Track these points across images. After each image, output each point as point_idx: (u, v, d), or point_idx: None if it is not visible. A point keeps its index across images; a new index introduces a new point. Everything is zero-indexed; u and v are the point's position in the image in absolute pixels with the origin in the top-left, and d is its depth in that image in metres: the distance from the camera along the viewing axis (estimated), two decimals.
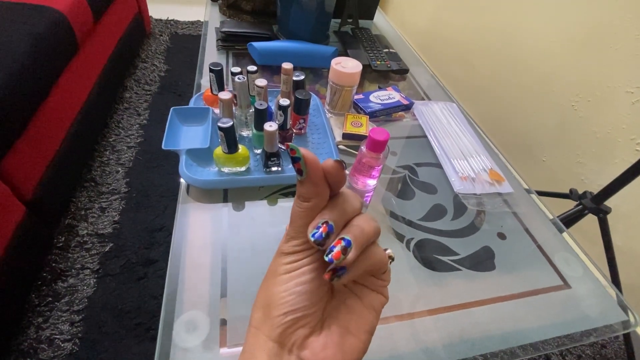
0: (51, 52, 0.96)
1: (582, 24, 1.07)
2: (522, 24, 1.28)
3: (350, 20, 0.97)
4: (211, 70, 0.54)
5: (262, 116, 0.49)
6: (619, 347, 1.00)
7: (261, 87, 0.51)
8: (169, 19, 2.09)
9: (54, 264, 0.94)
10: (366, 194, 0.55)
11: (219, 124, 0.44)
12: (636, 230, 0.98)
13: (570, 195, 0.91)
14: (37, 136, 0.90)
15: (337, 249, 0.18)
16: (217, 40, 0.82)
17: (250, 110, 0.55)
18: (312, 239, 0.18)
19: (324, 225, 0.18)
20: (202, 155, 0.51)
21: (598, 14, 1.03)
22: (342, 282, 0.19)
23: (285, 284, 0.20)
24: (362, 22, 1.01)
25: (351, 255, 0.18)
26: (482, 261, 0.48)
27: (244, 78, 0.50)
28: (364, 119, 0.64)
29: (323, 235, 0.18)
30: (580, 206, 0.87)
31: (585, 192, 0.88)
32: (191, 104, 0.60)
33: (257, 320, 0.20)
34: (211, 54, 0.79)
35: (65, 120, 1.04)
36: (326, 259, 0.18)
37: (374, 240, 0.20)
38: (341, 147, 0.62)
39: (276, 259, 0.21)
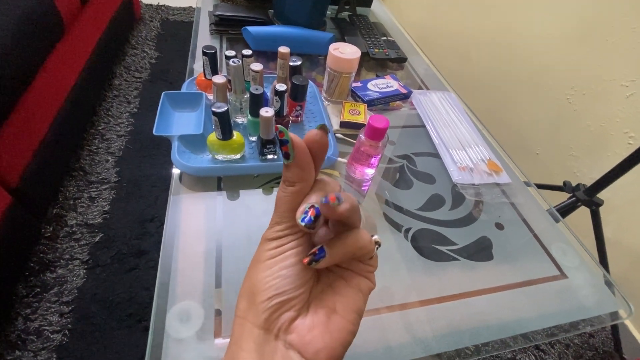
0: (36, 35, 0.92)
1: (579, 16, 1.07)
2: (519, 17, 1.27)
3: (347, 7, 0.95)
4: (204, 54, 0.52)
5: (257, 102, 0.47)
6: (606, 337, 1.02)
7: (256, 72, 0.50)
8: (160, 4, 2.02)
9: (41, 255, 0.92)
10: (364, 184, 0.55)
11: (213, 109, 0.42)
12: (626, 223, 1.00)
13: (564, 187, 0.92)
14: (23, 122, 0.87)
15: (331, 195, 0.18)
16: (210, 25, 0.79)
17: (246, 96, 0.53)
18: (303, 224, 0.18)
19: (312, 209, 0.18)
20: (195, 142, 0.49)
21: (595, 6, 1.02)
22: (320, 265, 0.19)
23: (270, 269, 0.19)
24: (360, 10, 0.99)
25: (344, 206, 0.18)
26: (480, 251, 0.48)
27: (239, 61, 0.48)
28: (362, 107, 0.63)
29: (312, 219, 0.18)
30: (574, 198, 0.87)
31: (578, 185, 0.89)
32: (183, 89, 0.57)
33: (242, 310, 0.20)
34: (204, 38, 0.76)
35: (51, 106, 1.00)
36: (322, 200, 0.18)
37: (357, 217, 0.20)
38: (339, 135, 0.60)
39: (259, 247, 0.21)
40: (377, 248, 0.22)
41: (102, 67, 1.39)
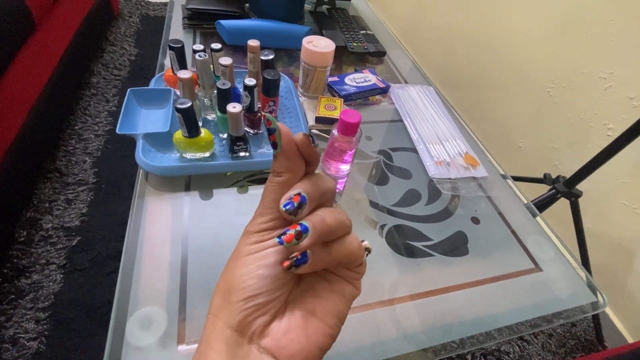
0: (3, 31, 0.88)
1: (559, 9, 1.07)
2: (501, 11, 1.27)
3: (326, 0, 0.93)
4: (170, 48, 0.50)
5: (225, 97, 0.45)
6: (588, 326, 1.04)
7: (226, 67, 0.48)
8: None
9: (15, 260, 0.89)
10: (339, 180, 0.53)
11: (176, 105, 0.40)
12: (605, 213, 1.01)
13: (544, 179, 0.93)
14: None
15: (290, 232, 0.17)
16: (183, 19, 0.76)
17: (215, 92, 0.51)
18: (284, 209, 0.17)
19: (296, 195, 0.18)
20: (162, 141, 0.47)
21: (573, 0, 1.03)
22: (300, 271, 0.18)
23: (247, 266, 0.18)
24: (339, 3, 0.97)
25: (305, 242, 0.17)
26: (456, 246, 0.48)
27: (206, 56, 0.47)
28: (339, 102, 0.62)
29: (295, 205, 0.17)
30: (554, 190, 0.88)
31: (558, 177, 0.90)
32: (151, 85, 0.55)
33: (215, 307, 0.19)
34: (177, 32, 0.74)
35: (23, 105, 0.96)
36: (276, 240, 0.17)
37: (339, 233, 0.19)
38: (314, 131, 0.59)
39: (240, 240, 0.20)
40: (366, 255, 0.21)
41: (78, 64, 1.34)
